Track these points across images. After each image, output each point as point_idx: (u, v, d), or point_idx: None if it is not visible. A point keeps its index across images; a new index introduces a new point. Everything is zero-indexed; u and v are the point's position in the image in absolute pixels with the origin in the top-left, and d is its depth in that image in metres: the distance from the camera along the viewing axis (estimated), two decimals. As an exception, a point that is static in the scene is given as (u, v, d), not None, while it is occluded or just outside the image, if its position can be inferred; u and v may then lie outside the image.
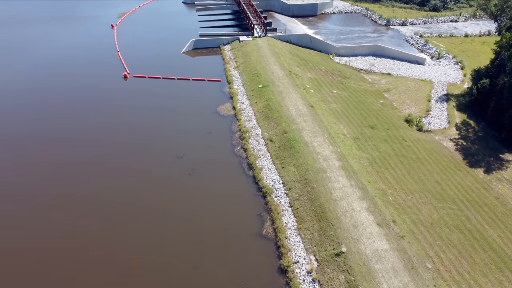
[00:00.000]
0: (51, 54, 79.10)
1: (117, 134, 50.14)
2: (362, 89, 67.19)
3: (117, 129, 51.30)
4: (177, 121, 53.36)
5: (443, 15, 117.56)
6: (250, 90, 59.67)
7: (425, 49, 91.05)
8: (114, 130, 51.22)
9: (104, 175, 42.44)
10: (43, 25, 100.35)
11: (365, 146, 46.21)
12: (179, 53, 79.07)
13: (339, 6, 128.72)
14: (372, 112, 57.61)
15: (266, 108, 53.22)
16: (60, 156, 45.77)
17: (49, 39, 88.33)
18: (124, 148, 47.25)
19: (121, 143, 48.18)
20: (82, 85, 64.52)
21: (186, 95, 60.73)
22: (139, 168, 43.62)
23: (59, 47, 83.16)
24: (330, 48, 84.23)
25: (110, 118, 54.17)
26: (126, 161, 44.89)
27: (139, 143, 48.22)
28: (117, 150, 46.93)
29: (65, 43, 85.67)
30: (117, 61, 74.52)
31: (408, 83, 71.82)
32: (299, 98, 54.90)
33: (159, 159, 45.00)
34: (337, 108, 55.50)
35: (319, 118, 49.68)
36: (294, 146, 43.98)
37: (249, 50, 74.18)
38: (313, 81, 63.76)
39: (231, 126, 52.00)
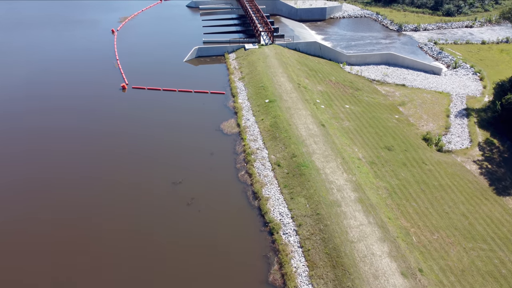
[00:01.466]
0: (46, 61, 75.36)
1: (107, 156, 46.04)
2: (376, 102, 62.81)
3: (108, 150, 47.20)
4: (177, 139, 49.29)
5: (458, 20, 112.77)
6: (256, 104, 55.49)
7: (440, 57, 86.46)
8: (104, 150, 47.12)
9: (86, 208, 38.36)
10: (40, 29, 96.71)
11: (382, 172, 41.85)
12: (182, 61, 75.06)
13: (348, 10, 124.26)
14: (387, 129, 53.25)
15: (273, 126, 49.01)
16: (40, 183, 41.86)
17: (45, 45, 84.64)
18: (113, 172, 43.16)
19: (111, 167, 44.10)
20: (77, 96, 60.68)
21: (187, 109, 56.66)
22: (130, 196, 39.54)
23: (55, 53, 79.43)
24: (340, 56, 79.89)
25: (102, 135, 50.18)
26: (115, 189, 40.79)
27: (133, 166, 44.17)
28: (105, 175, 42.84)
29: (62, 49, 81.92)
30: (116, 70, 70.63)
31: (424, 96, 67.36)
32: (309, 115, 50.63)
33: (154, 186, 40.92)
34: (350, 126, 51.16)
35: (331, 140, 45.38)
36: (304, 172, 39.74)
37: (255, 60, 69.99)
38: (324, 95, 59.44)
39: (235, 146, 47.86)
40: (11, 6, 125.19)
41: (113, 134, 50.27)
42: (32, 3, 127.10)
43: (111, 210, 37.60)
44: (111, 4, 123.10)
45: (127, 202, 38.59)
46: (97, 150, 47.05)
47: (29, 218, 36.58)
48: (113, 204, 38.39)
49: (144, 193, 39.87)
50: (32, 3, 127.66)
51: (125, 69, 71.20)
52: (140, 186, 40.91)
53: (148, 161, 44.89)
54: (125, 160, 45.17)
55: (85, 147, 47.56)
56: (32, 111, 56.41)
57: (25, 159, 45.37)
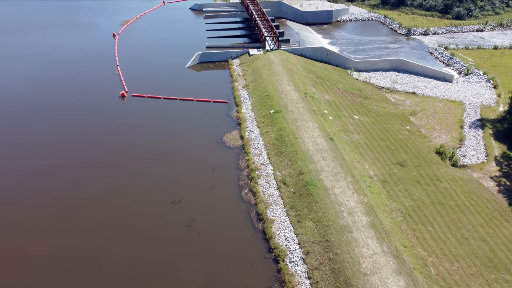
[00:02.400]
0: (44, 66, 73.12)
1: (100, 171, 43.52)
2: (386, 112, 60.06)
3: (103, 163, 44.74)
4: (177, 153, 46.77)
5: (468, 24, 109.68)
6: (260, 115, 52.89)
7: (451, 63, 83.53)
8: (97, 165, 44.64)
9: (78, 227, 35.93)
10: (39, 32, 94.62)
11: (395, 192, 39.13)
12: (184, 67, 72.61)
13: (355, 13, 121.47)
14: (399, 142, 50.51)
15: (278, 139, 46.40)
16: (29, 198, 39.48)
17: (44, 49, 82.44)
18: (106, 189, 40.68)
19: (103, 182, 41.61)
20: (73, 105, 58.29)
21: (188, 120, 54.15)
22: (124, 216, 37.04)
23: (54, 58, 77.19)
24: (348, 62, 77.17)
25: (97, 147, 47.72)
26: (108, 206, 38.32)
27: (128, 181, 41.67)
28: (98, 190, 40.40)
29: (62, 54, 79.68)
30: (116, 76, 68.28)
31: (436, 105, 64.51)
32: (316, 127, 47.98)
33: (151, 205, 38.38)
34: (360, 139, 48.46)
35: (341, 155, 42.71)
36: (312, 192, 37.09)
37: (260, 66, 67.39)
38: (331, 105, 56.76)
39: (238, 160, 45.28)
40: (12, 7, 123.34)
41: (108, 147, 47.81)
42: (32, 5, 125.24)
43: (99, 233, 35.12)
44: (113, 7, 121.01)
45: (120, 224, 36.09)
46: (89, 164, 44.58)
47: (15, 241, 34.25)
48: (104, 225, 35.90)
49: (140, 213, 37.35)
50: (32, 4, 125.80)
51: (125, 75, 68.85)
52: (135, 205, 38.40)
53: (145, 177, 42.39)
54: (120, 175, 42.70)
55: (77, 161, 45.13)
56: (24, 121, 54.11)
57: (16, 173, 43.03)
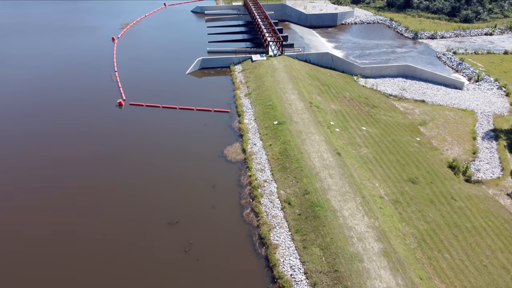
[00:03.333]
0: (39, 71, 70.83)
1: (92, 186, 41.14)
2: (394, 122, 57.44)
3: (94, 179, 42.30)
4: (175, 168, 44.27)
5: (476, 27, 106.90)
6: (263, 126, 50.37)
7: (461, 69, 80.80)
8: (89, 179, 42.25)
9: (66, 253, 33.50)
10: (36, 36, 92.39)
11: (408, 214, 36.52)
12: (184, 73, 70.16)
13: (360, 16, 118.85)
14: (409, 156, 47.90)
15: (282, 154, 43.86)
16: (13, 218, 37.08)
17: (41, 54, 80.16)
18: (98, 207, 38.24)
19: (95, 199, 39.19)
20: (68, 114, 55.91)
21: (188, 131, 51.67)
22: (117, 239, 34.58)
23: (49, 64, 74.88)
24: (354, 68, 74.56)
25: (89, 161, 45.27)
26: (100, 229, 35.86)
27: (121, 200, 39.18)
28: (89, 210, 37.97)
29: (59, 58, 77.39)
30: (113, 83, 65.89)
31: (446, 114, 61.84)
32: (322, 141, 45.41)
33: (147, 227, 35.90)
34: (369, 154, 45.85)
35: (349, 172, 40.12)
36: (319, 215, 34.54)
37: (263, 73, 64.87)
38: (338, 115, 54.17)
39: (240, 176, 42.76)
40: (8, 9, 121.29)
41: (102, 161, 45.36)
42: (29, 6, 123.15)
43: (90, 261, 32.66)
44: (114, 9, 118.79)
45: (113, 251, 33.62)
46: (80, 179, 42.14)
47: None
48: (96, 250, 33.44)
49: (134, 237, 34.86)
50: (29, 6, 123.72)
51: (123, 81, 66.46)
52: (129, 226, 35.93)
53: (141, 194, 39.91)
54: (113, 191, 40.23)
55: (67, 176, 42.69)
56: (14, 134, 51.77)
57: (5, 190, 40.68)
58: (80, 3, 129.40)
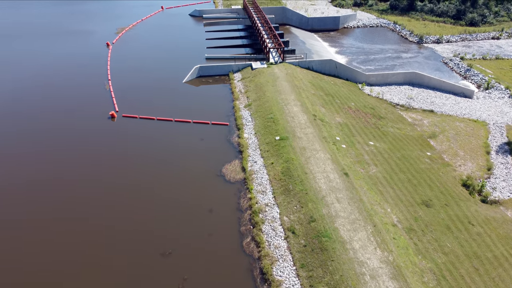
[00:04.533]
0: (28, 79, 67.54)
1: (77, 210, 37.90)
2: (403, 135, 54.23)
3: (81, 200, 39.07)
4: (169, 189, 41.00)
5: (483, 31, 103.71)
6: (264, 142, 47.14)
7: (469, 76, 77.59)
8: (75, 200, 39.01)
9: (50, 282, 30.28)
10: (28, 41, 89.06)
11: (424, 244, 33.28)
12: (181, 82, 66.90)
13: (363, 19, 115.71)
14: (421, 174, 44.68)
15: (285, 174, 40.61)
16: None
17: (29, 61, 76.80)
18: (82, 236, 34.99)
19: (80, 226, 35.94)
20: (55, 127, 52.64)
21: (184, 147, 48.42)
22: (102, 273, 31.32)
23: (39, 71, 71.58)
24: (358, 75, 71.37)
25: (76, 181, 42.03)
26: (78, 263, 32.60)
27: (107, 226, 35.90)
28: (72, 237, 34.72)
29: (48, 66, 74.05)
30: (107, 93, 62.63)
31: (457, 125, 58.65)
32: (328, 159, 42.16)
33: (136, 259, 32.62)
34: (378, 173, 42.61)
35: (358, 196, 36.88)
36: (326, 247, 31.30)
37: (264, 82, 61.62)
38: (344, 129, 50.93)
39: (239, 199, 39.50)
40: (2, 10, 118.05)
41: (89, 182, 42.09)
42: (22, 9, 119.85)
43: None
44: (110, 13, 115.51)
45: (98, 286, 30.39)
46: (65, 202, 38.89)
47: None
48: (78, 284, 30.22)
49: (121, 272, 31.58)
50: (22, 8, 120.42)
51: (117, 91, 63.21)
52: (115, 259, 32.65)
53: (129, 221, 36.62)
54: (98, 217, 36.95)
55: (51, 200, 39.43)
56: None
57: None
58: (76, 6, 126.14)
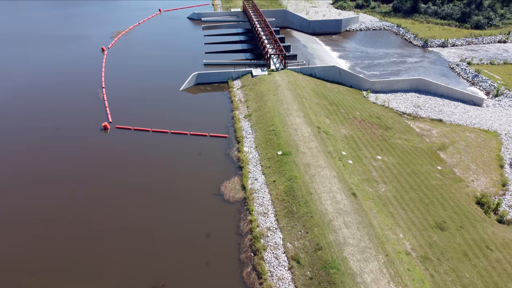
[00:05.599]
0: (18, 86, 64.67)
1: (62, 232, 35.08)
2: (411, 147, 51.43)
3: (66, 221, 36.25)
4: (163, 211, 38.14)
5: (489, 34, 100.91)
6: (265, 157, 44.31)
7: (477, 82, 74.76)
8: (60, 221, 36.18)
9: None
10: (18, 45, 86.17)
11: (441, 275, 30.45)
12: (178, 90, 64.06)
13: (366, 22, 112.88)
14: (433, 192, 41.86)
15: (288, 194, 37.78)
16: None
17: (20, 66, 73.92)
18: (64, 262, 32.16)
19: (59, 256, 33.11)
20: (44, 139, 49.81)
21: (180, 161, 45.58)
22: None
23: (30, 77, 68.72)
24: (363, 82, 68.55)
25: (63, 199, 39.20)
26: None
27: (94, 253, 33.05)
28: (55, 264, 31.89)
29: (39, 72, 71.13)
30: (100, 102, 59.78)
31: (467, 136, 55.85)
32: (334, 177, 39.34)
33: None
34: (388, 192, 39.78)
35: (368, 220, 34.05)
36: (334, 280, 28.46)
37: (264, 91, 58.80)
38: (350, 142, 48.10)
39: (239, 221, 36.67)
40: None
41: (77, 200, 39.28)
42: (16, 12, 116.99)
43: None
44: (106, 16, 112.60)
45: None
46: (50, 224, 36.06)
47: None
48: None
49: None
50: (16, 11, 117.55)
51: (111, 99, 60.38)
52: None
53: (118, 247, 33.77)
54: (84, 243, 34.10)
55: (36, 223, 36.61)
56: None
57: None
58: (71, 8, 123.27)
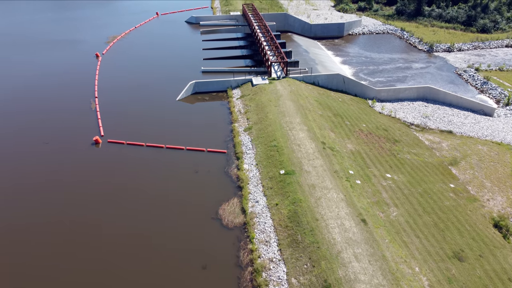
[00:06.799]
0: (6, 94, 61.57)
1: (40, 263, 32.09)
2: (421, 162, 48.45)
3: (44, 253, 33.26)
4: (154, 238, 35.08)
5: (496, 38, 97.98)
6: (267, 176, 41.29)
7: (486, 89, 71.82)
8: (37, 250, 33.20)
9: None
10: (7, 50, 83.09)
11: (464, 318, 27.42)
12: (174, 100, 61.02)
13: (368, 26, 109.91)
14: (447, 214, 38.87)
15: (292, 220, 34.76)
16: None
17: (8, 73, 70.78)
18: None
19: (51, 283, 30.13)
20: (29, 154, 46.74)
21: (175, 180, 42.56)
22: None
23: (19, 85, 65.61)
24: (368, 91, 65.56)
25: (47, 221, 36.17)
26: None
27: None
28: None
29: (29, 80, 68.02)
30: (92, 113, 56.72)
31: (479, 149, 52.89)
32: (342, 200, 36.32)
33: None
34: (400, 217, 36.76)
35: (380, 251, 31.03)
36: (345, 325, 25.40)
37: (265, 101, 55.78)
38: (357, 158, 45.09)
39: (238, 250, 33.65)
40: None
41: (60, 223, 36.25)
42: (5, 15, 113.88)
43: None
44: (102, 20, 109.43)
45: None
46: (35, 245, 33.06)
47: None
48: None
49: None
50: (5, 14, 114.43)
51: (104, 110, 57.37)
52: None
53: (106, 281, 30.72)
54: (63, 279, 31.08)
55: (17, 244, 33.61)
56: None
57: None
58: (65, 12, 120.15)
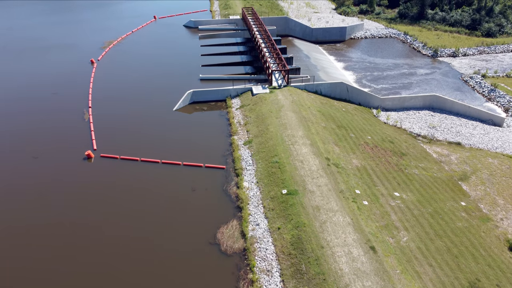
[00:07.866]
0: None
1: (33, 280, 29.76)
2: (430, 177, 46.10)
3: (35, 272, 30.89)
4: (145, 267, 32.65)
5: (501, 43, 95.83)
6: (268, 195, 38.89)
7: (494, 97, 69.59)
8: (28, 272, 30.83)
9: None
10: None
11: None
12: (171, 110, 58.61)
13: (371, 29, 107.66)
14: (460, 237, 36.51)
15: (296, 247, 32.36)
16: None
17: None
18: None
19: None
20: (15, 169, 44.30)
21: (170, 200, 40.13)
22: None
23: (6, 94, 63.14)
24: (372, 100, 63.25)
25: (31, 243, 33.80)
26: None
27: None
28: None
29: (17, 89, 65.55)
30: (85, 124, 54.29)
31: (489, 162, 50.60)
32: (349, 224, 33.93)
33: None
34: (411, 242, 34.36)
35: (392, 285, 28.65)
36: None
37: (266, 112, 53.39)
38: (363, 176, 42.70)
39: (238, 281, 31.24)
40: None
41: (45, 245, 33.87)
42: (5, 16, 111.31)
43: None
44: (98, 24, 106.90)
45: None
46: (19, 268, 30.69)
47: None
48: None
49: None
50: (5, 15, 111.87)
51: (98, 121, 54.94)
52: None
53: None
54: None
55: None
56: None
57: None
58: (59, 15, 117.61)
